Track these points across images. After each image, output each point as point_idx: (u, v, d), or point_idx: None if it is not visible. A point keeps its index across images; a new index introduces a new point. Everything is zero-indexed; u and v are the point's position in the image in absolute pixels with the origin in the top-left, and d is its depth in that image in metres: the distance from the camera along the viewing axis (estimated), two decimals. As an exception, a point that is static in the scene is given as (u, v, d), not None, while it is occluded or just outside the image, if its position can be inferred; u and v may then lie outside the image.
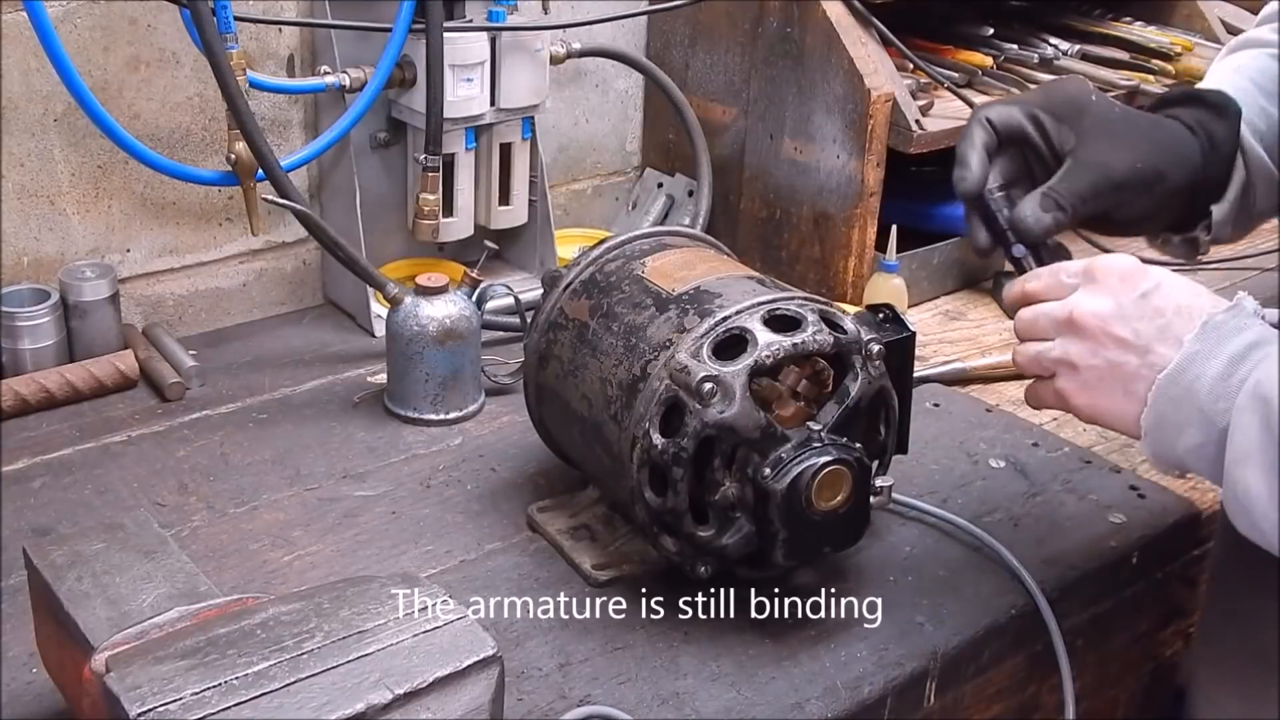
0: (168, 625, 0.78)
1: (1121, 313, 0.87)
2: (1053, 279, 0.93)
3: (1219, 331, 0.85)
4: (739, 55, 1.61)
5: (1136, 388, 0.86)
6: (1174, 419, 0.85)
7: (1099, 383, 0.88)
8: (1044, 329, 0.92)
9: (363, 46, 1.39)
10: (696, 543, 0.97)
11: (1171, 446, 0.86)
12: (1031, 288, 0.94)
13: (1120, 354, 0.87)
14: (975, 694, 1.06)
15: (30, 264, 1.34)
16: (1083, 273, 0.91)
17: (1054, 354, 0.91)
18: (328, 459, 1.21)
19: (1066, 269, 0.92)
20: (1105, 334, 0.88)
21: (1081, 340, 0.89)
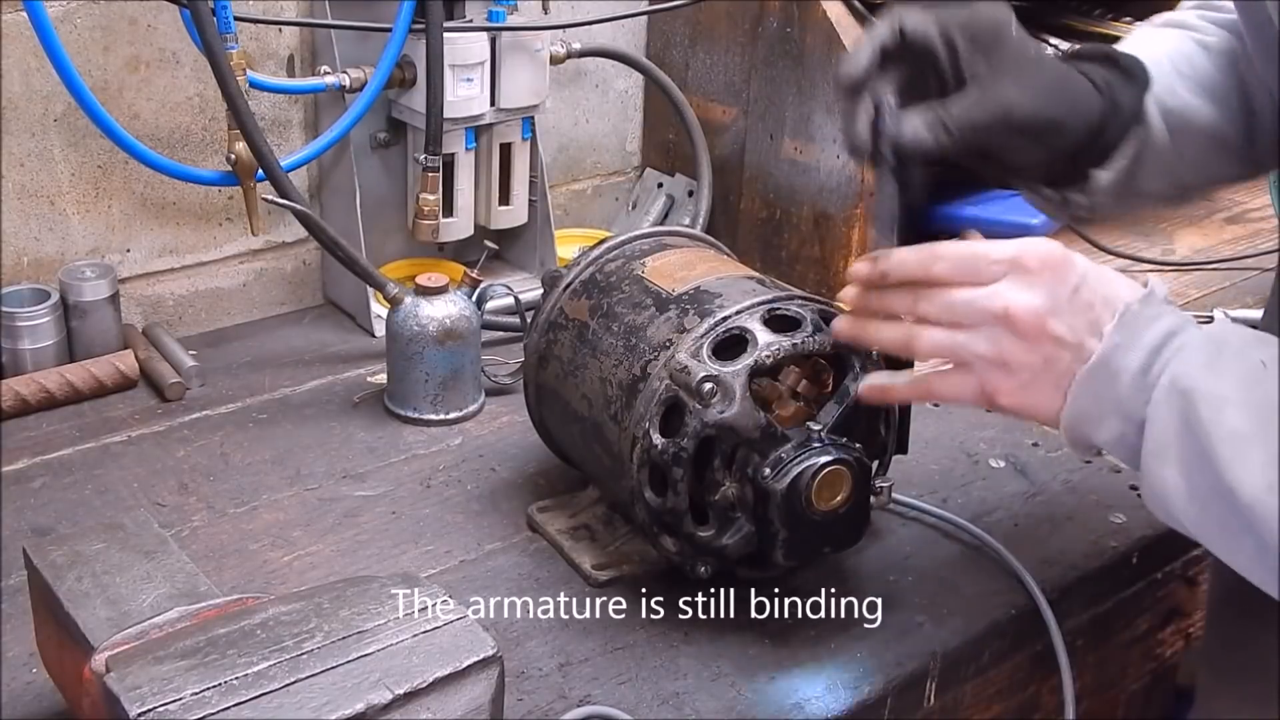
0: (168, 625, 0.78)
1: (1057, 308, 0.83)
2: (970, 264, 0.86)
3: (1135, 322, 0.82)
4: (739, 55, 1.61)
5: (1065, 382, 0.83)
6: (1094, 412, 0.83)
7: (1031, 381, 0.84)
8: (962, 316, 0.85)
9: (363, 46, 1.39)
10: (696, 543, 0.97)
11: (1090, 438, 0.84)
12: (941, 270, 0.87)
13: (1055, 351, 0.83)
14: (975, 694, 1.06)
15: (30, 264, 1.34)
16: (1010, 261, 0.85)
17: (980, 347, 0.85)
18: (328, 459, 1.21)
19: (987, 254, 0.86)
20: (1043, 332, 0.83)
21: (1016, 337, 0.84)
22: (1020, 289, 0.84)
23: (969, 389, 0.87)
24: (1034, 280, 0.84)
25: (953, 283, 0.86)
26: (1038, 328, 0.83)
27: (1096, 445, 0.85)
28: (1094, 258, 1.76)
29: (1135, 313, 0.83)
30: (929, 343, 0.87)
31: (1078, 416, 0.83)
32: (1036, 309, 0.83)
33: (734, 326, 0.95)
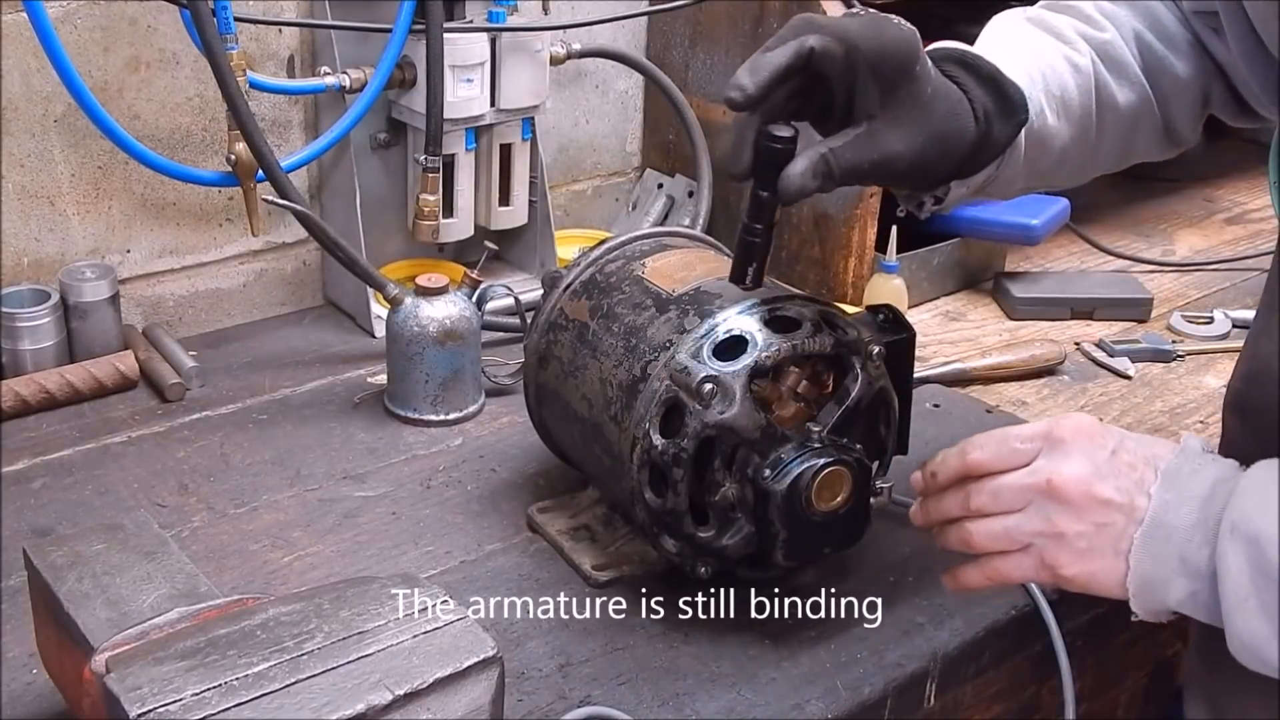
0: (168, 626, 0.78)
1: (1100, 472, 0.84)
2: (1004, 448, 0.88)
3: (1179, 476, 0.83)
4: (739, 56, 1.61)
5: (1123, 546, 0.84)
6: (1158, 575, 0.83)
7: (1089, 548, 0.84)
8: (1011, 500, 0.87)
9: (363, 47, 1.39)
10: (696, 543, 0.97)
11: (1162, 602, 0.84)
12: (976, 459, 0.89)
13: (1106, 514, 0.84)
14: (975, 695, 1.06)
15: (30, 265, 1.34)
16: (1044, 436, 0.87)
17: (1033, 525, 0.86)
18: (328, 460, 1.21)
19: (1018, 435, 0.88)
20: (1090, 497, 0.84)
21: (1066, 506, 0.85)
22: (1059, 459, 0.86)
23: (1031, 567, 0.88)
24: (1070, 449, 0.86)
25: (993, 470, 0.88)
26: (1084, 494, 0.84)
27: (1169, 608, 0.84)
28: (1094, 258, 1.77)
29: (1177, 467, 0.83)
30: (985, 534, 0.89)
31: (1143, 582, 0.83)
32: (1079, 476, 0.85)
33: (734, 327, 0.95)
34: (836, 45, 0.87)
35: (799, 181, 0.88)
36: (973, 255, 1.64)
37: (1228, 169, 2.06)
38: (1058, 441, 0.86)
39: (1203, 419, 1.37)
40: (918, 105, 0.91)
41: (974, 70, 0.97)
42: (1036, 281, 1.63)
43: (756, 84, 0.86)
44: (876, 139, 0.90)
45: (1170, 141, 1.10)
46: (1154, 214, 1.92)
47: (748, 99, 0.86)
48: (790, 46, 0.87)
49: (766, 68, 0.86)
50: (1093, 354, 1.49)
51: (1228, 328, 1.55)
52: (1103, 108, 1.04)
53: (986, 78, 0.97)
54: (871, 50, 0.88)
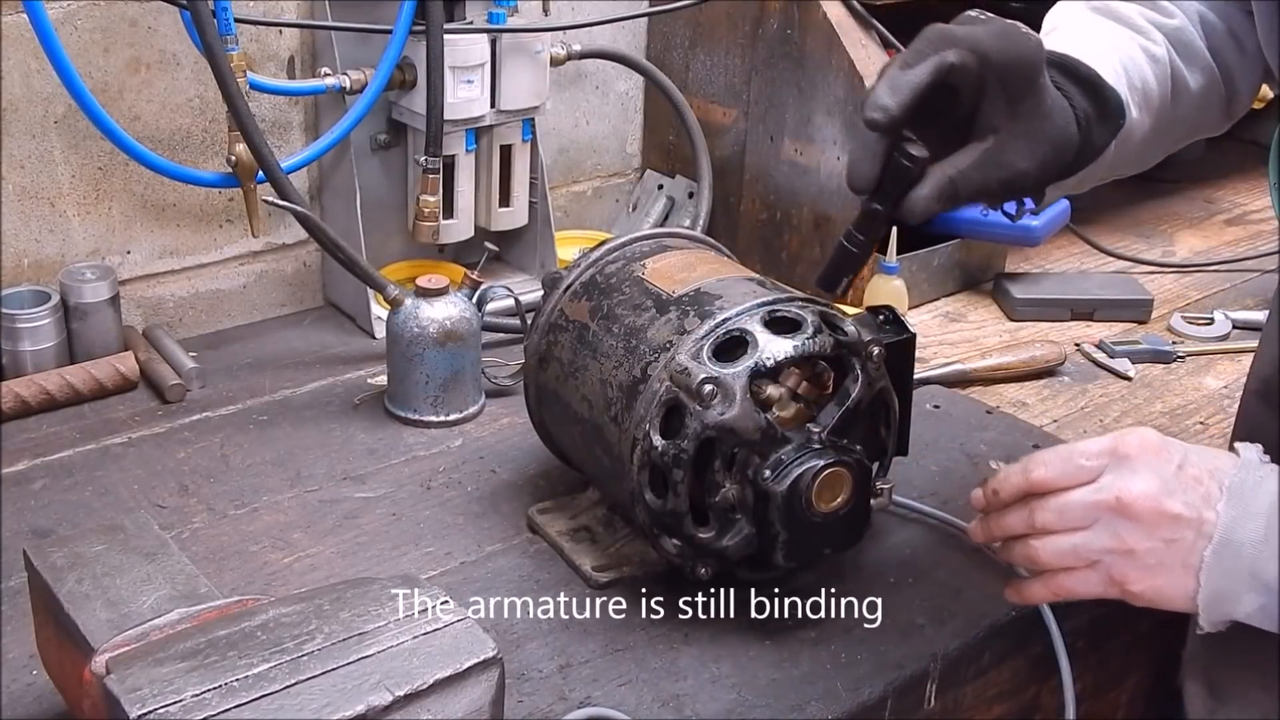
0: (168, 627, 0.78)
1: (1168, 488, 0.84)
2: (1069, 465, 0.88)
3: (1243, 491, 0.83)
4: (739, 57, 1.61)
5: (1192, 560, 0.84)
6: (1229, 590, 0.83)
7: (1158, 564, 0.85)
8: (1078, 518, 0.87)
9: (363, 48, 1.39)
10: (697, 544, 0.97)
11: (1230, 615, 0.85)
12: (1041, 476, 0.89)
13: (1175, 530, 0.84)
14: (976, 695, 1.06)
15: (30, 266, 1.34)
16: (1109, 453, 0.87)
17: (1101, 542, 0.86)
18: (328, 461, 1.21)
19: (1083, 451, 0.88)
20: (1160, 513, 0.84)
21: (1135, 523, 0.85)
22: (1127, 476, 0.86)
23: (1098, 583, 0.88)
24: (1137, 465, 0.86)
25: (1058, 487, 0.88)
26: (1154, 510, 0.84)
27: (1235, 620, 0.85)
28: (1095, 259, 1.77)
29: (1241, 481, 0.84)
30: (1052, 551, 0.89)
31: (1214, 597, 0.84)
32: (1149, 492, 0.85)
33: (734, 328, 0.95)
34: (972, 59, 0.85)
35: (924, 205, 0.87)
36: (973, 256, 1.64)
37: (1228, 170, 2.06)
38: (1124, 457, 0.86)
39: (1203, 420, 1.37)
40: (1040, 117, 0.90)
41: (1073, 75, 0.96)
42: (1037, 282, 1.63)
43: (899, 104, 0.84)
44: (1002, 156, 0.89)
45: (1230, 115, 1.10)
46: (1154, 215, 1.92)
47: (891, 120, 0.85)
48: (930, 63, 0.85)
49: (907, 87, 0.84)
50: (1093, 355, 1.49)
51: (1228, 329, 1.55)
52: (1177, 95, 1.03)
53: (1086, 82, 0.96)
54: (1002, 63, 0.87)
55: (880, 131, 0.86)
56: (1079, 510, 0.87)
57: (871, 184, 0.88)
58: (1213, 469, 0.85)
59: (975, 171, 0.88)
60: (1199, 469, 0.85)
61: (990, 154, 0.88)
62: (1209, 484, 0.84)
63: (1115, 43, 1.01)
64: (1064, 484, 0.88)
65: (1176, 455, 0.86)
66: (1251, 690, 0.93)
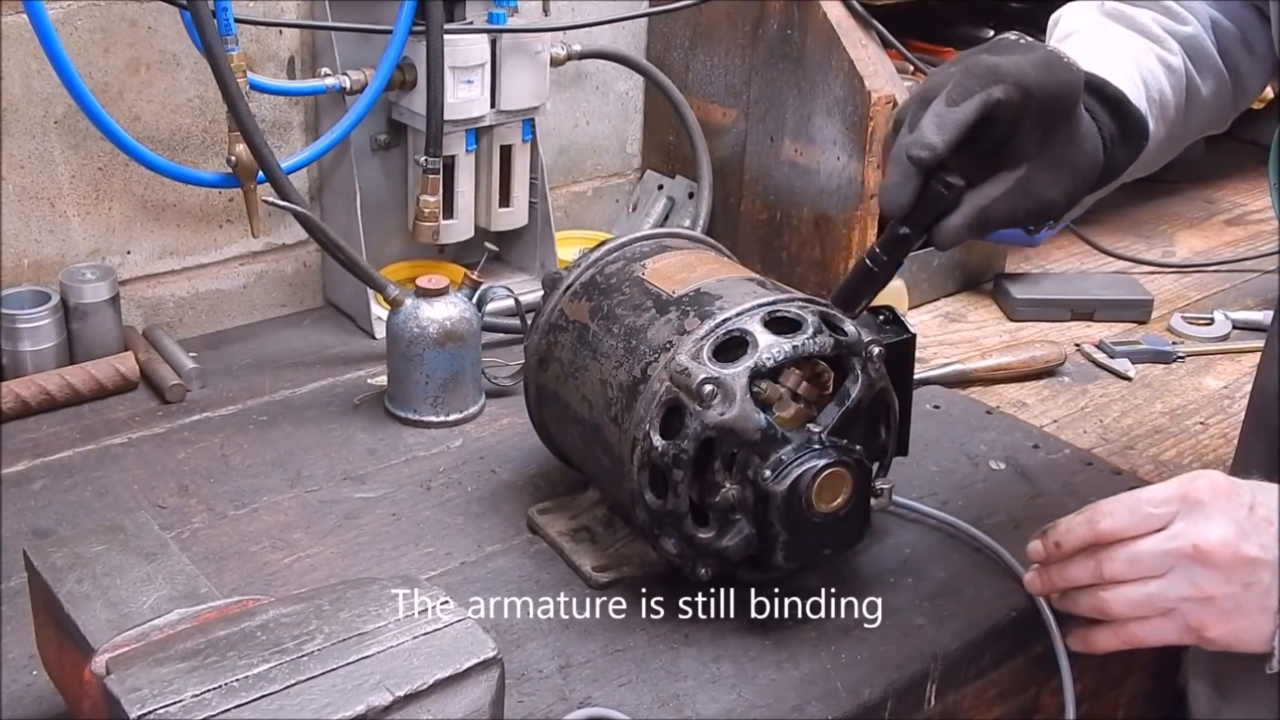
0: (168, 627, 0.78)
1: (1243, 532, 0.85)
2: (1137, 515, 0.88)
3: None
4: (739, 57, 1.61)
5: (1270, 601, 0.84)
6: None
7: (1235, 608, 0.85)
8: (1150, 567, 0.87)
9: (363, 48, 1.39)
10: (697, 544, 0.97)
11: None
12: (1108, 526, 0.88)
13: (1253, 574, 0.84)
14: (976, 696, 1.06)
15: (31, 266, 1.34)
16: (1179, 499, 0.87)
17: (1178, 591, 0.86)
18: (328, 461, 1.21)
19: (1150, 499, 0.87)
20: (1237, 558, 0.84)
21: (1213, 569, 0.85)
22: (1201, 523, 0.85)
23: (1173, 631, 0.88)
24: (1210, 510, 0.86)
25: (1126, 536, 0.87)
26: (1231, 555, 0.85)
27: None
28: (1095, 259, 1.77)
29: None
30: (1124, 602, 0.88)
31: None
32: (1226, 538, 0.85)
33: (734, 328, 0.95)
34: (1017, 94, 0.85)
35: (955, 234, 0.88)
36: (973, 257, 1.64)
37: (1228, 171, 2.06)
38: (1196, 503, 0.86)
39: (1203, 420, 1.37)
40: (1072, 146, 0.90)
41: (1101, 95, 0.95)
42: (1037, 283, 1.63)
43: (945, 143, 0.84)
44: (1033, 186, 0.89)
45: (1237, 110, 1.11)
46: (1154, 215, 1.92)
47: (937, 157, 0.85)
48: (977, 101, 0.84)
49: (954, 125, 0.84)
50: (1093, 355, 1.49)
51: (1228, 329, 1.55)
52: (1190, 103, 1.04)
53: (1113, 103, 0.95)
54: (1044, 95, 0.86)
55: (925, 167, 0.86)
56: (1151, 559, 0.87)
57: (906, 210, 0.88)
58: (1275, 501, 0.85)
59: (1006, 201, 0.88)
60: (1268, 509, 0.85)
61: (1021, 183, 0.88)
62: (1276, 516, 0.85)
63: (1135, 55, 1.01)
64: (1133, 533, 0.87)
65: (1246, 497, 0.86)
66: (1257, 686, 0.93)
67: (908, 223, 0.89)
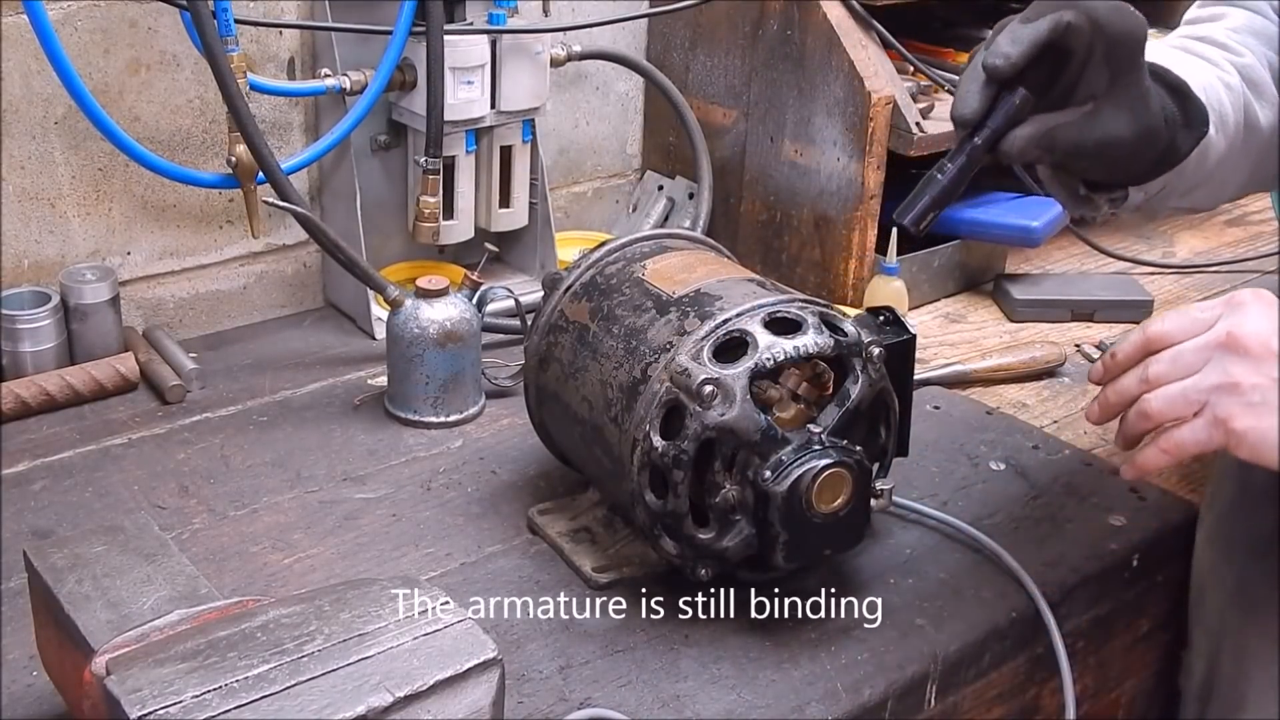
0: (168, 628, 0.78)
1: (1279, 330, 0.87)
2: (1185, 318, 0.91)
3: None
4: (739, 58, 1.61)
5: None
6: None
7: (1263, 402, 0.86)
8: (1190, 364, 0.89)
9: (363, 49, 1.39)
10: (697, 545, 0.97)
11: None
12: (1158, 330, 0.91)
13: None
14: (976, 697, 1.06)
15: (31, 266, 1.34)
16: (1224, 304, 0.90)
17: (1209, 380, 0.88)
18: (328, 461, 1.21)
19: (1199, 306, 0.91)
20: (1269, 350, 0.86)
21: (1244, 356, 0.87)
22: (1239, 317, 0.88)
23: (1204, 428, 0.89)
24: (1250, 309, 0.88)
25: (1175, 340, 0.90)
26: (1263, 345, 0.87)
27: None
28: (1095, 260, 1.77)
29: None
30: (1164, 399, 0.91)
31: None
32: (1259, 329, 0.87)
33: (734, 329, 0.95)
34: (1086, 22, 0.89)
35: (1022, 145, 0.91)
36: (973, 257, 1.64)
37: (1228, 171, 2.06)
38: (1238, 305, 0.89)
39: (1203, 421, 1.37)
40: (1138, 94, 0.94)
41: (1161, 79, 0.99)
42: (1037, 283, 1.63)
43: (1020, 53, 0.89)
44: (1100, 121, 0.92)
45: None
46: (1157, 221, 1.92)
47: (1012, 66, 0.89)
48: (1049, 20, 0.89)
49: (1027, 39, 0.89)
50: (1093, 356, 1.49)
51: (1228, 330, 1.55)
52: (1249, 126, 1.07)
53: (1174, 88, 0.99)
54: (1111, 33, 0.91)
55: (1000, 78, 0.90)
56: (1191, 355, 0.89)
57: (977, 116, 0.92)
58: None
59: (1074, 128, 0.92)
60: None
61: (1089, 116, 0.92)
62: None
63: (1191, 69, 1.04)
64: (1180, 336, 0.90)
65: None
66: None
67: (977, 133, 0.92)
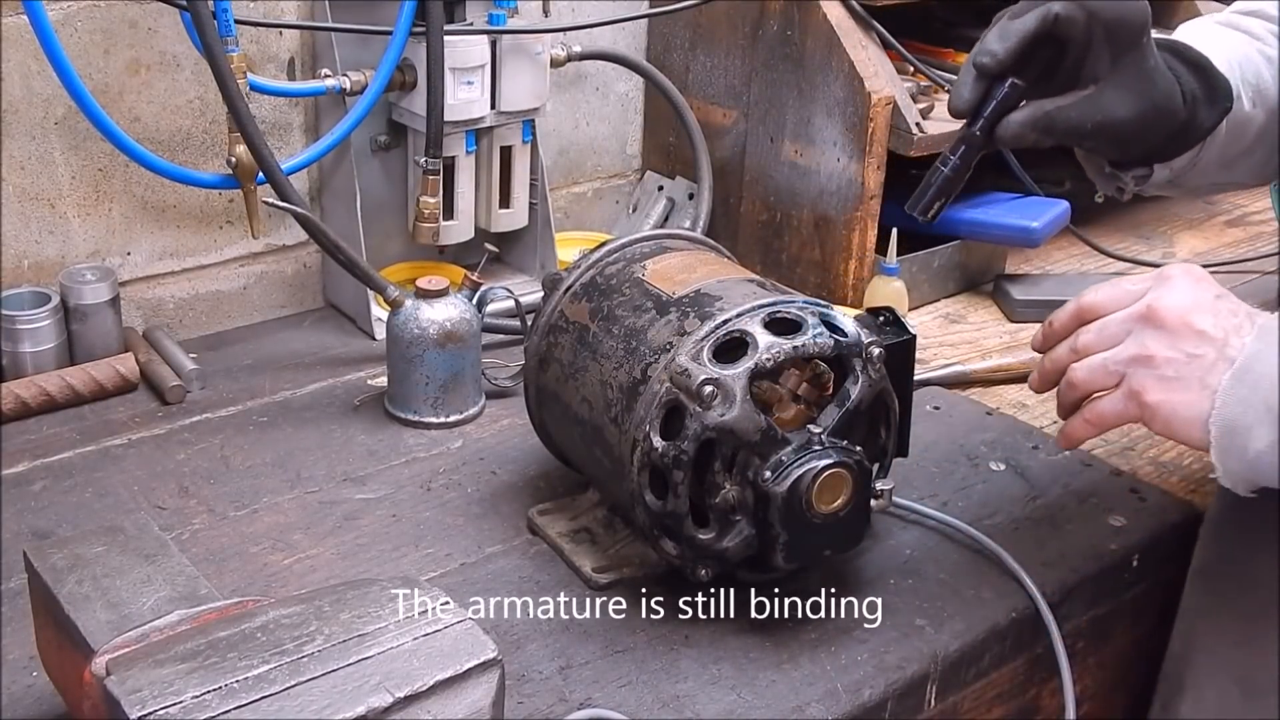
0: (168, 628, 0.78)
1: (1200, 305, 0.87)
2: (1116, 289, 0.92)
3: (1274, 333, 0.85)
4: (739, 58, 1.61)
5: (1211, 380, 0.85)
6: (1244, 421, 0.83)
7: (1176, 377, 0.86)
8: (1114, 335, 0.90)
9: (363, 49, 1.39)
10: (697, 545, 0.97)
11: (1243, 450, 0.84)
12: (1090, 300, 0.92)
13: (1199, 345, 0.85)
14: (976, 697, 1.06)
15: (31, 267, 1.34)
16: (1153, 277, 0.90)
17: (1126, 352, 0.89)
18: (328, 462, 1.21)
19: (1132, 278, 0.92)
20: (1185, 325, 0.86)
21: (1161, 330, 0.87)
22: (1163, 290, 0.88)
23: (1120, 399, 0.90)
24: (1176, 284, 0.89)
25: (1105, 311, 0.91)
26: (1181, 320, 0.87)
27: (1250, 462, 0.85)
28: (1095, 260, 1.77)
29: (1272, 326, 0.85)
30: (1086, 369, 0.91)
31: (1226, 425, 0.84)
32: (1179, 304, 0.87)
33: (734, 329, 0.95)
34: (1078, 11, 0.91)
35: (1016, 129, 0.93)
36: (973, 257, 1.64)
37: (1228, 171, 2.06)
38: (1166, 278, 0.89)
39: (1203, 421, 1.37)
40: (1142, 74, 0.94)
41: (1182, 57, 1.00)
42: (1037, 284, 1.63)
43: (1007, 50, 0.91)
44: (1101, 102, 0.93)
45: None
46: (1154, 216, 1.92)
47: (999, 64, 0.92)
48: (1036, 14, 0.91)
49: (1015, 34, 0.91)
50: (1093, 356, 1.49)
51: (1228, 330, 1.55)
52: None
53: (1194, 64, 0.99)
54: (1109, 16, 0.92)
55: (988, 74, 0.93)
56: (1115, 326, 0.90)
57: (971, 107, 0.95)
58: (1251, 312, 0.87)
59: (1073, 110, 0.94)
60: (1237, 305, 0.88)
61: (1089, 98, 0.94)
62: (1243, 319, 0.87)
63: (1231, 43, 1.05)
64: (1111, 307, 0.91)
65: (1217, 288, 0.88)
66: None
67: (974, 123, 0.95)
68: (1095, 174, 1.07)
